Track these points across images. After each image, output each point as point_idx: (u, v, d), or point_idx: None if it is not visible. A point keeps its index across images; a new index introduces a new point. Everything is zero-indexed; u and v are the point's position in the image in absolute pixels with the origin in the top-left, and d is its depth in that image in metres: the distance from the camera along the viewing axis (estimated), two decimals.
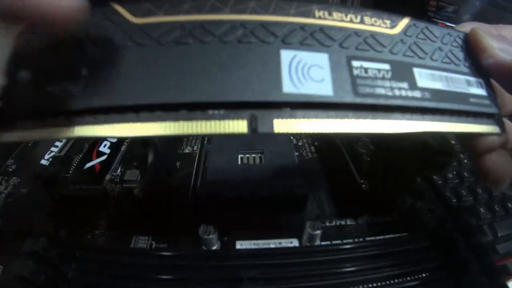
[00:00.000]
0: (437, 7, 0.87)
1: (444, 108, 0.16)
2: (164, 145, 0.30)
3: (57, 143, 0.33)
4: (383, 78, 0.15)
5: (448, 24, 0.83)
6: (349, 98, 0.14)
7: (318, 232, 0.23)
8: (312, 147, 0.32)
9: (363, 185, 0.27)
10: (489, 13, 0.95)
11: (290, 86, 0.13)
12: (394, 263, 0.21)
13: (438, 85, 0.16)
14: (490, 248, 0.28)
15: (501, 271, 0.19)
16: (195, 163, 0.30)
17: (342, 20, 0.15)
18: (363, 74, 0.15)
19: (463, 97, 0.17)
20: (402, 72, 0.16)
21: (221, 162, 0.28)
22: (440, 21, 0.83)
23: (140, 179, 0.28)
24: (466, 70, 0.17)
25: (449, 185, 0.34)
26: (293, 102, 0.13)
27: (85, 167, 0.29)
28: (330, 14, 0.15)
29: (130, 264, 0.19)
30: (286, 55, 0.14)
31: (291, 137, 0.32)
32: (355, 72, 0.15)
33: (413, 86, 0.15)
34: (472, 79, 0.17)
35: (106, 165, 0.30)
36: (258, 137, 0.31)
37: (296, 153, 0.31)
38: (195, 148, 0.31)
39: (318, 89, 0.14)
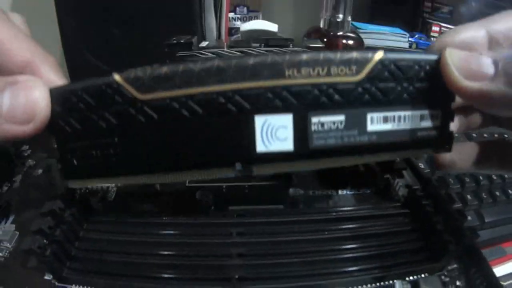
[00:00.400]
0: (433, 8, 0.87)
1: (387, 143, 0.19)
2: None
3: None
4: (336, 129, 0.18)
5: (443, 25, 0.84)
6: (305, 151, 0.18)
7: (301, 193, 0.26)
8: None
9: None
10: (485, 13, 0.95)
11: (262, 146, 0.18)
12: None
13: (388, 126, 0.18)
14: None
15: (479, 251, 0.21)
16: None
17: (309, 76, 0.17)
18: (320, 128, 0.18)
19: (411, 132, 0.19)
20: (355, 120, 0.18)
21: None
22: (435, 22, 0.84)
23: None
24: (424, 104, 0.19)
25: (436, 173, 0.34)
26: (264, 158, 0.18)
27: None
28: (299, 71, 0.17)
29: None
30: (258, 120, 0.18)
31: None
32: (313, 127, 0.18)
33: (362, 131, 0.18)
34: (426, 112, 0.19)
35: None
36: None
37: None
38: None
39: (282, 146, 0.18)
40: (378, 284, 0.19)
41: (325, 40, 0.47)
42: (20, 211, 0.25)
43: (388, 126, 0.19)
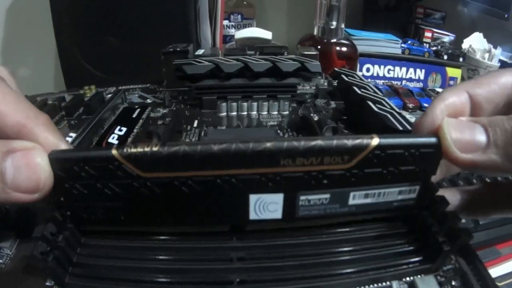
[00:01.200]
0: (425, 14, 0.88)
1: (365, 212, 0.21)
2: (166, 136, 0.32)
3: (71, 134, 0.35)
4: (321, 204, 0.20)
5: (435, 30, 0.85)
6: (291, 218, 0.21)
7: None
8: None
9: None
10: (477, 19, 0.98)
11: (254, 215, 0.20)
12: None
13: (367, 200, 0.20)
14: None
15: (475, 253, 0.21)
16: None
17: (303, 165, 0.19)
18: (306, 203, 0.20)
19: (389, 203, 0.21)
20: (339, 197, 0.20)
21: None
22: (427, 28, 0.85)
23: None
24: (404, 181, 0.20)
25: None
26: (255, 223, 0.21)
27: None
28: (293, 161, 0.18)
29: None
30: (252, 198, 0.20)
31: (278, 131, 0.35)
32: (301, 203, 0.20)
33: (344, 204, 0.20)
34: (405, 188, 0.20)
35: None
36: (249, 131, 0.36)
37: None
38: (193, 139, 0.34)
39: (272, 216, 0.20)
40: (375, 285, 0.19)
41: (319, 47, 0.48)
42: (20, 218, 0.25)
43: (367, 200, 0.20)
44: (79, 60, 0.62)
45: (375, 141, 0.19)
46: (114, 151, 0.18)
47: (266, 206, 0.20)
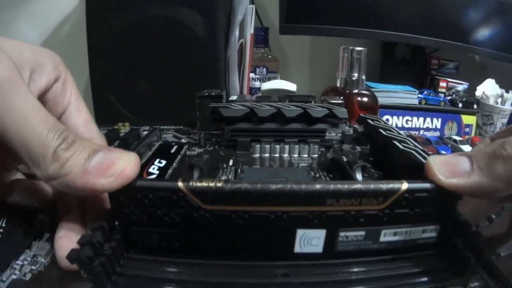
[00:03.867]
0: (439, 64, 0.93)
1: (393, 249, 0.24)
2: (207, 171, 0.33)
3: None
4: (357, 240, 0.23)
5: (450, 80, 0.89)
6: (331, 253, 0.23)
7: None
8: (328, 178, 0.36)
9: None
10: (489, 66, 1.03)
11: (298, 249, 0.23)
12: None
13: (396, 238, 0.23)
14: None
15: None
16: None
17: (345, 205, 0.21)
18: (344, 239, 0.23)
19: (414, 241, 0.24)
20: (372, 234, 0.23)
21: None
22: (442, 78, 0.89)
23: None
24: (427, 221, 0.23)
25: None
26: (298, 256, 0.23)
27: None
28: (337, 201, 0.21)
29: None
30: (299, 232, 0.22)
31: (310, 171, 0.37)
32: (340, 239, 0.23)
33: (376, 241, 0.23)
34: (428, 227, 0.23)
35: None
36: (283, 170, 0.38)
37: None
38: (230, 177, 0.36)
39: (314, 250, 0.23)
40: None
41: (341, 98, 0.51)
42: (55, 229, 0.26)
43: (396, 238, 0.23)
44: (110, 98, 0.65)
45: (404, 185, 0.22)
46: (180, 184, 0.21)
47: (310, 241, 0.23)
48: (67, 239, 0.23)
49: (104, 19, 0.62)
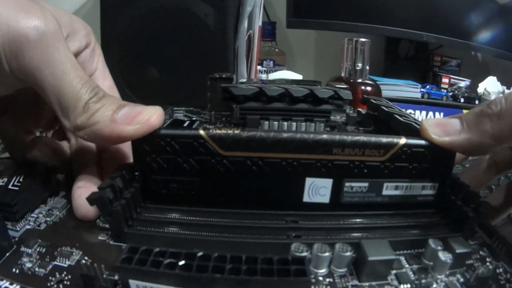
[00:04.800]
0: (442, 62, 0.95)
1: (394, 203, 0.25)
2: None
3: None
4: (361, 191, 0.25)
5: (452, 76, 0.91)
6: (337, 204, 0.25)
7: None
8: None
9: None
10: (491, 64, 1.04)
11: (307, 198, 0.25)
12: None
13: (397, 192, 0.25)
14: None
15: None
16: None
17: (350, 154, 0.23)
18: (349, 190, 0.25)
19: (414, 197, 0.25)
20: (375, 186, 0.25)
21: None
22: (445, 74, 0.91)
23: None
24: (426, 178, 0.25)
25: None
26: (307, 206, 0.25)
27: None
28: (343, 150, 0.23)
29: None
30: (308, 181, 0.24)
31: None
32: (345, 189, 0.25)
33: (378, 194, 0.25)
34: (427, 184, 0.25)
35: None
36: None
37: None
38: None
39: (321, 200, 0.25)
40: (414, 238, 0.23)
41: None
42: (71, 188, 0.26)
43: (397, 192, 0.25)
44: (121, 85, 0.65)
45: (402, 140, 0.24)
46: (201, 131, 0.23)
47: (318, 190, 0.24)
48: (86, 189, 0.24)
49: (118, 8, 0.64)
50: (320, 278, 0.20)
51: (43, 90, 0.23)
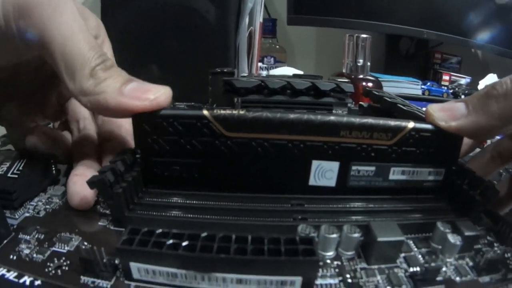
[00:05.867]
0: (442, 59, 0.95)
1: (401, 188, 0.25)
2: None
3: None
4: (367, 175, 0.24)
5: (452, 74, 0.91)
6: (343, 188, 0.24)
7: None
8: None
9: None
10: (491, 61, 1.04)
11: (313, 181, 0.24)
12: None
13: (403, 177, 0.24)
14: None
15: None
16: None
17: (357, 137, 0.23)
18: (356, 174, 0.24)
19: (420, 182, 0.25)
20: (382, 170, 0.24)
21: None
22: (445, 72, 0.91)
23: None
24: (432, 164, 0.24)
25: None
26: (313, 189, 0.24)
27: None
28: (350, 133, 0.23)
29: None
30: (314, 164, 0.24)
31: None
32: (352, 173, 0.24)
33: (385, 179, 0.24)
34: (433, 170, 0.25)
35: None
36: None
37: None
38: None
39: (327, 183, 0.24)
40: (422, 221, 0.23)
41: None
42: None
43: (403, 177, 0.25)
44: None
45: (411, 124, 0.23)
46: (205, 111, 0.22)
47: (324, 173, 0.24)
48: (83, 177, 0.23)
49: (119, 5, 0.64)
50: (328, 261, 0.20)
51: (50, 51, 0.22)
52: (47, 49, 0.22)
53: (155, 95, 0.22)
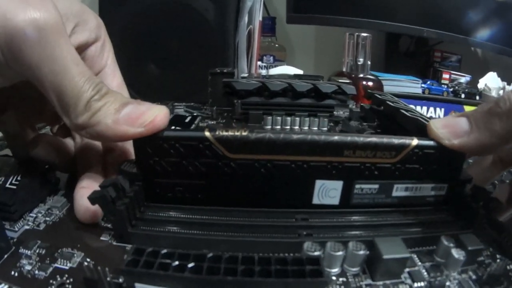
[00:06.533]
0: (442, 57, 0.95)
1: (404, 203, 0.25)
2: None
3: None
4: (371, 193, 0.24)
5: (452, 72, 0.91)
6: (346, 205, 0.24)
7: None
8: None
9: None
10: (491, 60, 1.04)
11: (316, 200, 0.24)
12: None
13: (407, 194, 0.24)
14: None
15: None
16: None
17: (361, 156, 0.23)
18: (359, 192, 0.24)
19: (423, 198, 0.25)
20: (385, 188, 0.24)
21: None
22: (445, 70, 0.91)
23: None
24: (435, 180, 0.24)
25: None
26: (316, 207, 0.24)
27: None
28: (354, 152, 0.22)
29: None
30: (318, 183, 0.23)
31: None
32: (355, 191, 0.24)
33: (388, 196, 0.24)
34: (436, 185, 0.24)
35: None
36: None
37: None
38: None
39: (331, 201, 0.24)
40: (426, 235, 0.23)
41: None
42: (71, 187, 0.26)
43: (407, 193, 0.25)
44: None
45: (414, 141, 0.23)
46: (207, 133, 0.22)
47: (328, 192, 0.24)
48: (89, 190, 0.22)
49: (117, 3, 0.63)
50: (333, 278, 0.19)
51: (43, 87, 0.22)
52: (39, 85, 0.22)
53: (150, 118, 0.22)
